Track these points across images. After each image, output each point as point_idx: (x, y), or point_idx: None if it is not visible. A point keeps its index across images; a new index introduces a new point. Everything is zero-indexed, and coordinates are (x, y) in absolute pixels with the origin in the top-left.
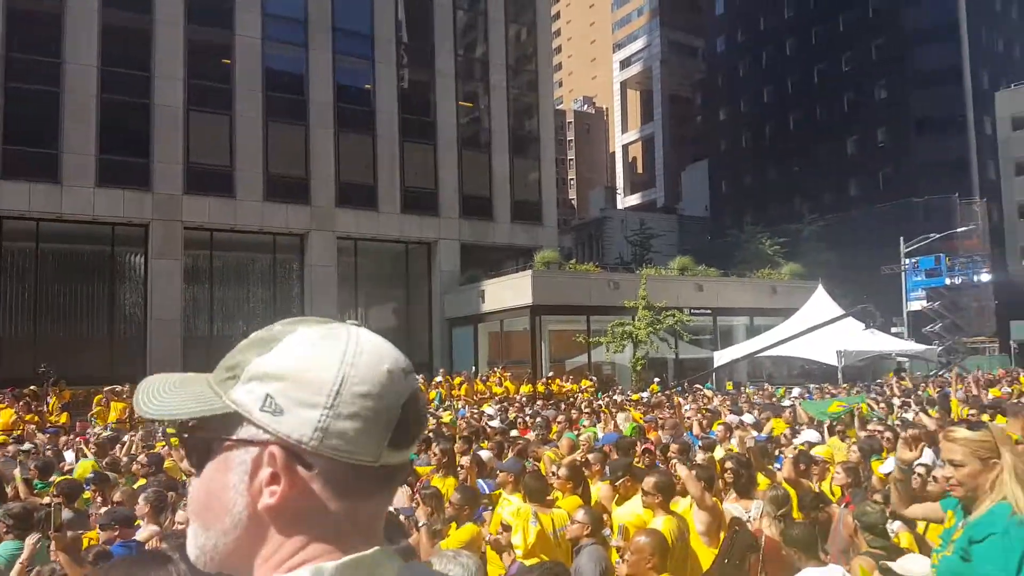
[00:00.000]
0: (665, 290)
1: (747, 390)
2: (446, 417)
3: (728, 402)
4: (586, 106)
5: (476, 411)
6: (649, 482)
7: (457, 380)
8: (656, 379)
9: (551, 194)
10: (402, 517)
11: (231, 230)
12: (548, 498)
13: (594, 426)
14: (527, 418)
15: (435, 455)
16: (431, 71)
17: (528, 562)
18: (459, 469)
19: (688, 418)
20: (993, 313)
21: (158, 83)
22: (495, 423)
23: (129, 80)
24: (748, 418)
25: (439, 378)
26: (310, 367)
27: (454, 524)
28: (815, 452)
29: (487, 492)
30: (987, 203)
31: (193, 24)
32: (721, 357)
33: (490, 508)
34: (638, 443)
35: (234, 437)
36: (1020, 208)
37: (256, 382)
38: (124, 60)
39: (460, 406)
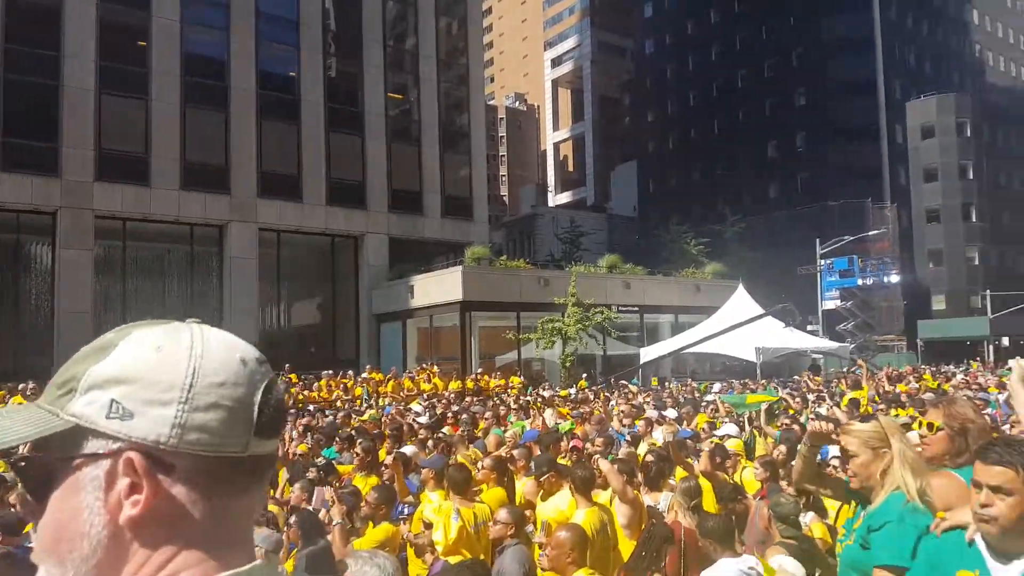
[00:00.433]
0: (594, 287)
1: (671, 386)
2: (367, 415)
3: (651, 397)
4: (517, 103)
5: (403, 408)
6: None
7: (377, 376)
8: (584, 375)
9: (482, 190)
10: (321, 513)
11: (145, 219)
12: (472, 490)
13: (523, 421)
14: (456, 415)
15: (357, 454)
16: (359, 61)
17: (451, 560)
18: (383, 468)
19: (616, 414)
20: (901, 313)
21: (68, 64)
22: (423, 419)
23: (37, 60)
24: (671, 413)
25: (365, 374)
26: (156, 365)
27: (371, 523)
28: (727, 445)
29: (415, 491)
30: (897, 208)
31: (107, 3)
32: (647, 354)
33: (415, 506)
34: (564, 439)
35: (81, 453)
36: (928, 213)
37: (96, 391)
38: (31, 38)
39: (386, 403)
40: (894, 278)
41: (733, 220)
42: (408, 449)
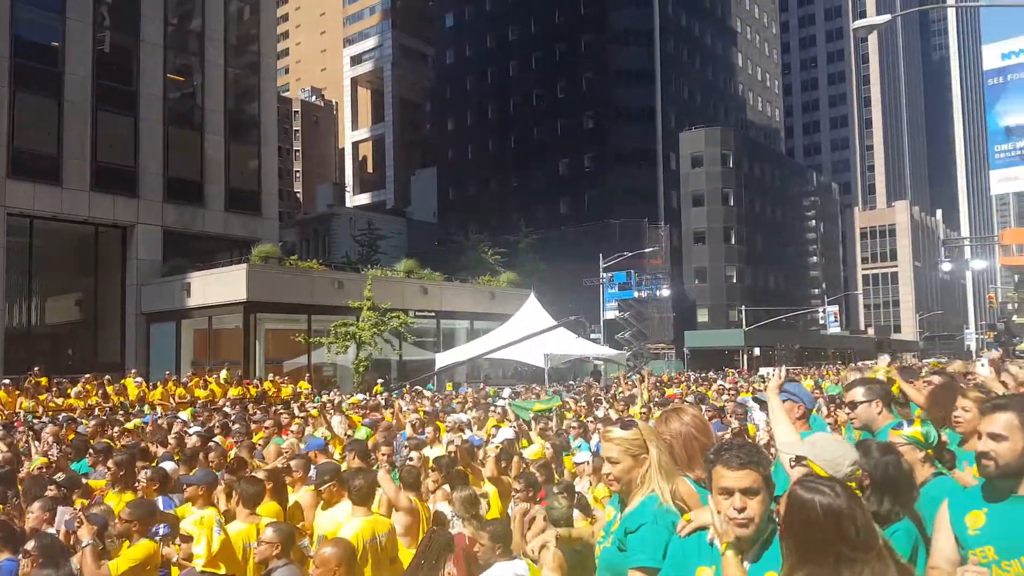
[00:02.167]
0: (391, 291)
1: (466, 391)
2: (131, 424)
3: (440, 402)
4: (314, 97)
5: (170, 417)
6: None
7: (131, 383)
8: (380, 380)
9: (272, 184)
10: (64, 531)
11: None
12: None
13: (315, 429)
14: (226, 424)
15: (110, 468)
16: (135, 37)
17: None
18: (138, 484)
19: (410, 421)
20: (671, 323)
21: None
22: (195, 429)
23: None
24: (462, 417)
25: (138, 380)
26: None
27: (126, 542)
28: (528, 454)
29: (169, 508)
30: (670, 228)
31: None
32: (443, 359)
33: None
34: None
35: None
36: (695, 234)
37: None
38: None
39: (149, 411)
40: (665, 292)
41: (527, 232)
42: (168, 465)
